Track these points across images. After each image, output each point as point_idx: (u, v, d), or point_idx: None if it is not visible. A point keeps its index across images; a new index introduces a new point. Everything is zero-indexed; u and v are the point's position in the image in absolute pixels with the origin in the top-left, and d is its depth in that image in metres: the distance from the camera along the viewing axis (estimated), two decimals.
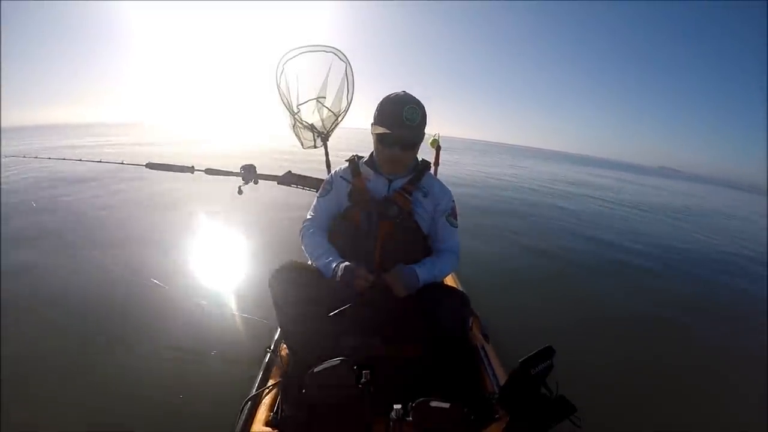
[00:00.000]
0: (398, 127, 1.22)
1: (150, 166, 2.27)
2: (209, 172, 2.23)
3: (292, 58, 1.95)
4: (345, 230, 1.32)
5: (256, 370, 1.25)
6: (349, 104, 2.09)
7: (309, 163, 3.76)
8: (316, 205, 1.41)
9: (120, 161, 2.58)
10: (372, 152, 1.39)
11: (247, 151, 13.28)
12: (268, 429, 1.00)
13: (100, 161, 2.70)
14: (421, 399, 0.88)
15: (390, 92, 1.28)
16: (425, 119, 1.27)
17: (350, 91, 2.06)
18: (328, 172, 1.94)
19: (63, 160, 2.90)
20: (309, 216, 1.41)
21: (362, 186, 1.33)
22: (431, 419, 0.87)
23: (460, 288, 1.92)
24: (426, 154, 1.52)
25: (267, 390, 1.13)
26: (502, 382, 1.21)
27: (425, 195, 1.33)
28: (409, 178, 1.34)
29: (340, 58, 1.98)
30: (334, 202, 1.38)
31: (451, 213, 1.37)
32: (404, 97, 1.24)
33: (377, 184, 1.34)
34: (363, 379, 0.88)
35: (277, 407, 1.08)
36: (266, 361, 1.27)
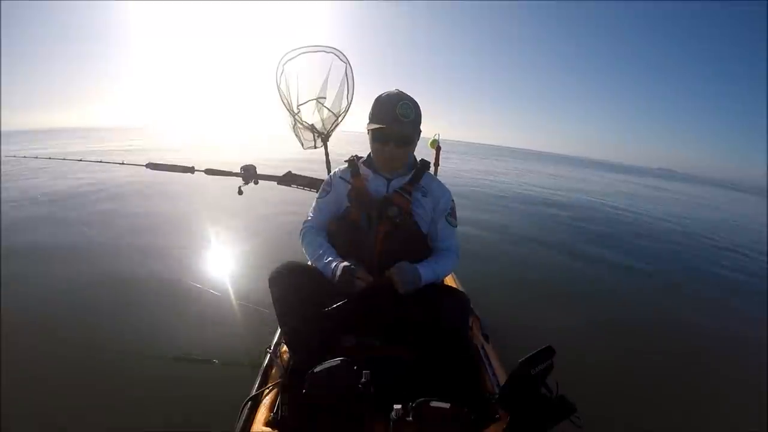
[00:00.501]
0: (392, 122, 1.22)
1: (150, 166, 2.27)
2: (209, 172, 2.24)
3: (292, 58, 1.96)
4: (345, 230, 1.32)
5: (256, 370, 1.24)
6: (349, 105, 2.09)
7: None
8: (315, 206, 1.41)
9: (120, 161, 2.60)
10: (370, 152, 1.39)
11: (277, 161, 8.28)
12: (268, 429, 0.99)
13: (101, 161, 2.72)
14: (421, 399, 0.88)
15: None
16: (419, 117, 1.28)
17: (350, 92, 2.06)
18: (328, 172, 1.94)
19: (63, 160, 2.90)
20: (309, 217, 1.42)
21: (362, 186, 1.34)
22: (431, 419, 0.87)
23: (460, 288, 1.92)
24: (426, 155, 1.52)
25: (267, 390, 1.12)
26: (502, 382, 1.21)
27: (424, 195, 1.34)
28: (409, 178, 1.35)
29: (340, 59, 1.98)
30: (333, 202, 1.38)
31: (451, 213, 1.38)
32: (398, 94, 1.25)
33: (376, 184, 1.34)
34: (363, 379, 0.88)
35: (277, 407, 1.07)
36: (266, 361, 1.26)
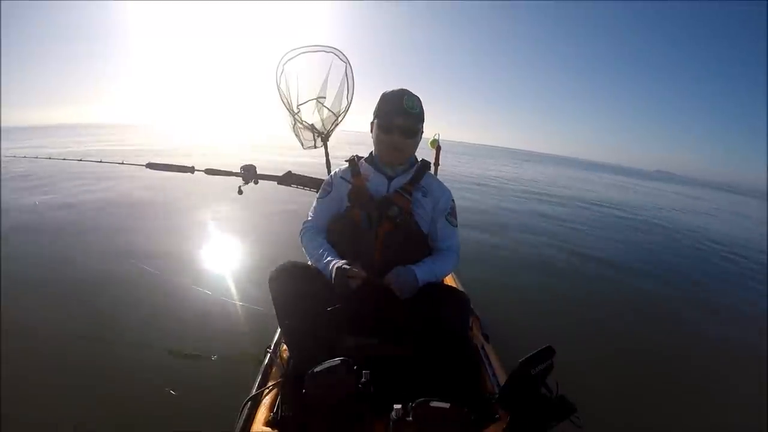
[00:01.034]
0: (399, 113, 1.26)
1: (150, 166, 2.27)
2: (209, 172, 2.23)
3: (292, 58, 1.95)
4: (345, 230, 1.32)
5: (256, 370, 1.24)
6: (349, 104, 2.09)
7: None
8: (315, 207, 1.42)
9: (120, 161, 2.59)
10: (371, 151, 1.40)
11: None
12: (268, 429, 0.99)
13: (101, 161, 2.71)
14: (421, 399, 0.88)
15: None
16: (423, 112, 1.32)
17: (350, 92, 2.06)
18: (328, 172, 1.94)
19: (63, 160, 2.90)
20: (309, 217, 1.42)
21: (362, 186, 1.34)
22: (431, 419, 0.86)
23: (460, 288, 1.92)
24: (426, 155, 1.52)
25: (267, 390, 1.12)
26: (502, 382, 1.21)
27: (425, 194, 1.34)
28: (409, 178, 1.35)
29: (340, 58, 1.98)
30: (333, 202, 1.38)
31: (451, 212, 1.38)
32: (403, 89, 1.30)
33: (377, 184, 1.34)
34: (363, 379, 0.88)
35: (277, 407, 1.07)
36: (266, 361, 1.26)
